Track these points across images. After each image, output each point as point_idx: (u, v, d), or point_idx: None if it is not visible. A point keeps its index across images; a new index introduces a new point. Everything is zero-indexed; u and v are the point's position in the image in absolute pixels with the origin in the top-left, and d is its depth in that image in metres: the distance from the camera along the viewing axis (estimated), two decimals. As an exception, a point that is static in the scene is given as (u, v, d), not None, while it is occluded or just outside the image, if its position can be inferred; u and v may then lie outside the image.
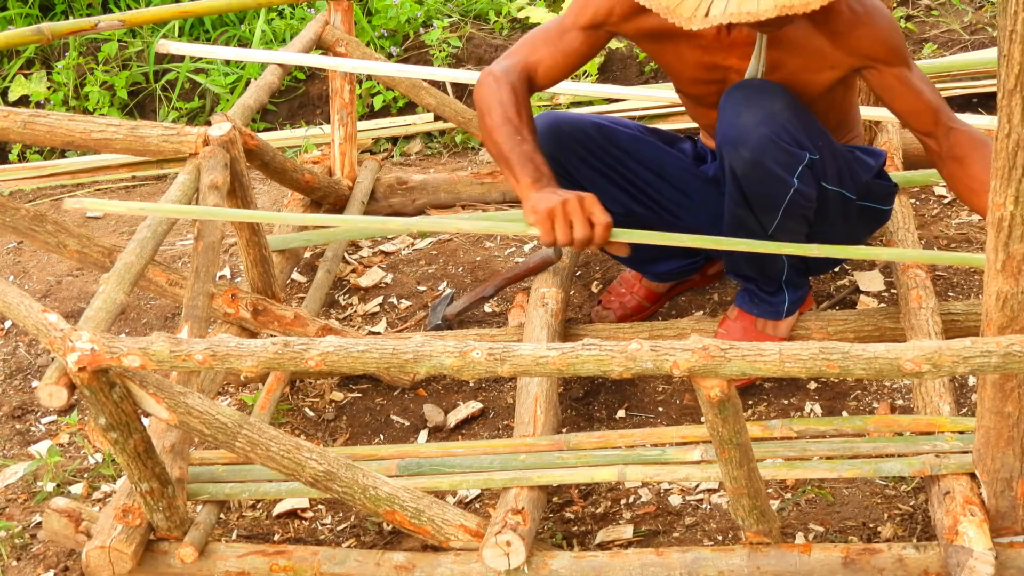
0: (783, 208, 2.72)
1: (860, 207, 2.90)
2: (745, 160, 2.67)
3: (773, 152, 2.65)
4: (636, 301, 3.24)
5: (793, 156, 2.67)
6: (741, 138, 2.66)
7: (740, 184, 2.72)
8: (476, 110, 2.80)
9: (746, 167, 2.68)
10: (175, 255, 3.86)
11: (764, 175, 2.68)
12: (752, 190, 2.72)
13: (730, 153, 2.69)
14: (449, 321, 3.32)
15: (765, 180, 2.69)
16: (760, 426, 2.59)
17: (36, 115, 2.99)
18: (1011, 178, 1.98)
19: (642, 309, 3.25)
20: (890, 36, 2.68)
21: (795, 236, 2.81)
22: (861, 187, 2.87)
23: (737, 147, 2.67)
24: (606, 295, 3.27)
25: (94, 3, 5.05)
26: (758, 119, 2.65)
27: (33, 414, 3.30)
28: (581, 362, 2.10)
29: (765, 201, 2.73)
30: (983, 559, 2.24)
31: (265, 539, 2.77)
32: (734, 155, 2.68)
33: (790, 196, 2.70)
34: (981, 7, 4.50)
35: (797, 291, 2.95)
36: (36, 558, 2.81)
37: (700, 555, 2.42)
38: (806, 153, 2.69)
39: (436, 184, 3.89)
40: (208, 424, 2.35)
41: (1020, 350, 1.98)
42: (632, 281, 3.25)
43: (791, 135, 2.67)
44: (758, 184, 2.70)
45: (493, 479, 2.58)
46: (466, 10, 4.86)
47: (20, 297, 2.29)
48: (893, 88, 2.70)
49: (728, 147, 2.69)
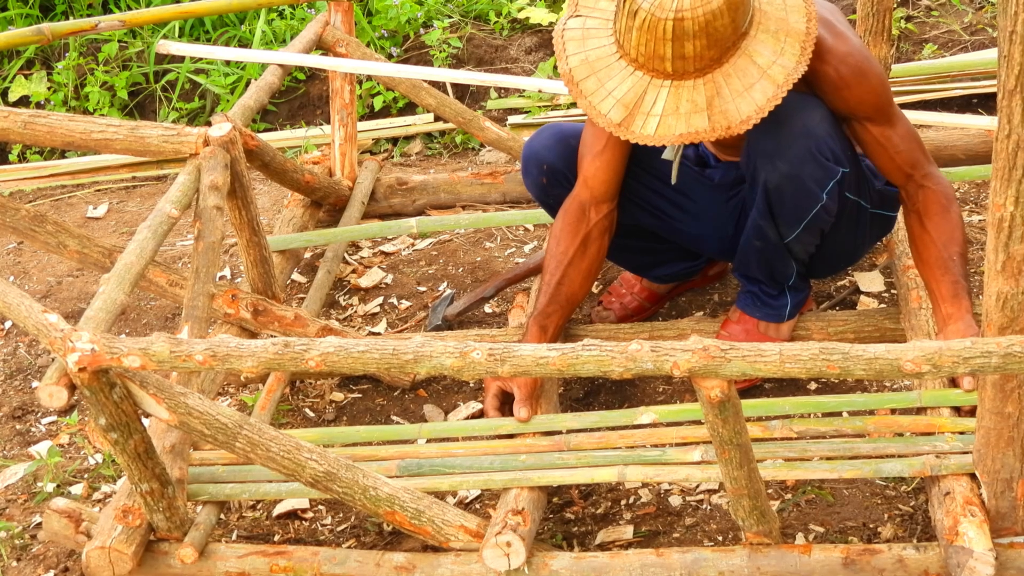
0: (806, 222, 2.74)
1: (872, 215, 2.90)
2: (782, 173, 2.67)
3: (811, 167, 2.66)
4: (637, 302, 3.24)
5: (827, 171, 2.68)
6: (780, 151, 2.65)
7: (769, 196, 2.71)
8: None
9: (782, 180, 2.68)
10: (175, 255, 3.86)
11: (797, 189, 2.68)
12: (781, 203, 2.72)
13: (766, 166, 2.68)
14: (449, 321, 3.32)
15: (797, 194, 2.69)
16: (760, 427, 2.59)
17: (36, 115, 2.99)
18: (1011, 179, 1.98)
19: (642, 309, 3.25)
20: (875, 98, 2.68)
21: (807, 248, 2.83)
22: (875, 195, 2.88)
23: (775, 160, 2.66)
24: (606, 295, 3.27)
25: (94, 3, 5.04)
26: (798, 131, 2.64)
27: (33, 414, 3.30)
28: (581, 362, 2.10)
29: (791, 214, 2.74)
30: (983, 560, 2.24)
31: (265, 540, 2.77)
32: (770, 168, 2.67)
33: (815, 211, 2.72)
34: (981, 8, 4.49)
35: (799, 294, 2.95)
36: (36, 558, 2.81)
37: (700, 556, 2.42)
38: (840, 168, 2.69)
39: (436, 184, 3.89)
40: (208, 424, 2.35)
41: (1020, 351, 1.98)
42: (632, 282, 3.25)
43: (830, 149, 2.67)
44: (790, 198, 2.70)
45: (493, 480, 2.58)
46: (466, 10, 4.86)
47: (20, 297, 2.29)
48: (872, 143, 2.73)
49: (764, 159, 2.68)
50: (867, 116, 2.70)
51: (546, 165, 2.99)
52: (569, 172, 2.95)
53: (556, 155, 2.97)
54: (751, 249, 2.87)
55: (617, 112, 2.54)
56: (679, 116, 2.50)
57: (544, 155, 2.99)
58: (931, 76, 4.06)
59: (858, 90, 2.66)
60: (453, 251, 3.69)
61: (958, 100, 4.05)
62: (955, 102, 4.04)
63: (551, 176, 2.99)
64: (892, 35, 4.03)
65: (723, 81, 2.49)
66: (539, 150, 3.00)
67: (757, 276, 2.93)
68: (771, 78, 2.50)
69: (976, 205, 3.57)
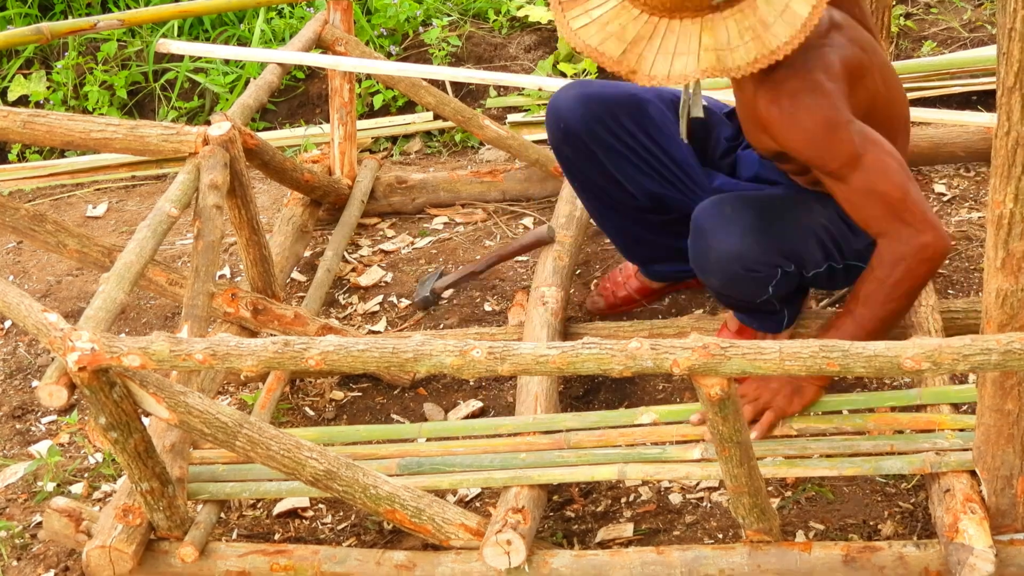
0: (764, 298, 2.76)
1: (848, 266, 2.79)
2: (716, 287, 2.76)
3: (743, 282, 2.70)
4: (627, 293, 3.25)
5: (766, 276, 2.70)
6: (710, 270, 2.70)
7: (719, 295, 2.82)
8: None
9: (719, 291, 2.79)
10: (175, 254, 3.86)
11: (738, 294, 2.76)
12: (730, 298, 2.81)
13: (702, 277, 2.75)
14: (437, 294, 3.35)
15: (741, 295, 2.77)
16: (760, 424, 2.59)
17: (35, 115, 2.99)
18: (1011, 175, 1.98)
19: (631, 302, 3.26)
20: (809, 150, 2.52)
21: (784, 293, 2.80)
22: (851, 255, 2.76)
23: (707, 276, 2.73)
24: (603, 280, 3.31)
25: (93, 3, 5.04)
26: (724, 252, 2.64)
27: (33, 414, 3.30)
28: (581, 361, 2.10)
29: (746, 301, 2.80)
30: (983, 557, 2.24)
31: (265, 538, 2.77)
32: (706, 280, 2.76)
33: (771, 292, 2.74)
34: (980, 5, 4.49)
35: (794, 304, 2.93)
36: (36, 558, 2.81)
37: (700, 553, 2.42)
38: (779, 269, 2.69)
39: (436, 183, 3.89)
40: (208, 423, 2.35)
41: (1020, 348, 1.98)
42: (630, 273, 3.26)
43: (759, 261, 2.66)
44: (737, 298, 2.80)
45: (493, 478, 2.58)
46: (465, 9, 4.86)
47: (20, 297, 2.29)
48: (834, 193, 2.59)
49: (699, 272, 2.75)
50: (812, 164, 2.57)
51: (564, 124, 2.99)
52: (587, 138, 2.95)
53: (576, 118, 2.96)
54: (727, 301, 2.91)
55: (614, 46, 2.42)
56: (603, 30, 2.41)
57: (565, 114, 2.98)
58: (930, 73, 4.06)
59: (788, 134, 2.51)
60: (453, 249, 3.69)
61: (957, 97, 4.05)
62: (954, 99, 4.04)
63: (568, 137, 2.98)
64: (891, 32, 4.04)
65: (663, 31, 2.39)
66: (562, 108, 2.99)
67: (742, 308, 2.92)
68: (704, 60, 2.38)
69: (975, 202, 3.57)
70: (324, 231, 3.80)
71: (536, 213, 3.79)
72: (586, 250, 3.54)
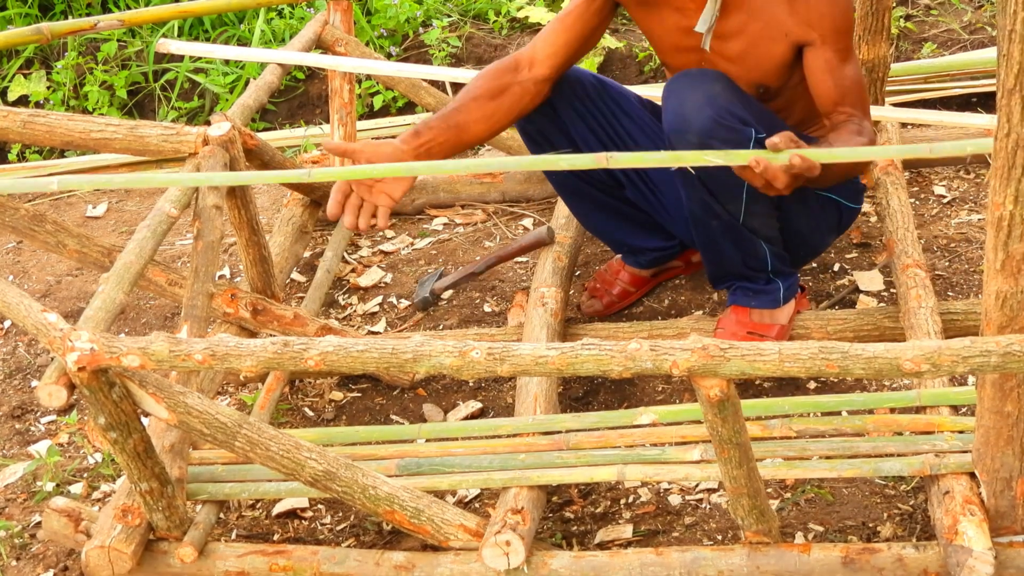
0: (745, 189, 2.73)
1: (818, 196, 2.89)
2: (693, 144, 2.67)
3: (719, 133, 2.66)
4: (621, 287, 3.26)
5: (739, 133, 2.68)
6: (686, 124, 2.67)
7: (696, 171, 2.73)
8: None
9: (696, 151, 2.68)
10: (174, 255, 3.86)
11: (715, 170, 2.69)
12: (708, 174, 2.74)
13: (678, 140, 2.69)
14: (437, 295, 3.35)
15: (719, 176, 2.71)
16: (759, 426, 2.60)
17: (35, 115, 2.99)
18: (1011, 177, 1.98)
19: (627, 295, 3.27)
20: (837, 17, 2.72)
21: (767, 221, 2.84)
22: None
23: (684, 134, 2.68)
24: (591, 283, 3.30)
25: (93, 3, 5.04)
26: (700, 102, 2.67)
27: (33, 414, 3.30)
28: (581, 362, 2.10)
29: (725, 184, 2.74)
30: (982, 559, 2.24)
31: (265, 539, 2.77)
32: (682, 141, 2.69)
33: None
34: (980, 6, 4.50)
35: (788, 279, 2.95)
36: (36, 558, 2.81)
37: (700, 555, 2.42)
38: (751, 130, 2.70)
39: (435, 183, 3.89)
40: (207, 424, 2.35)
41: (1019, 349, 1.99)
42: (616, 267, 3.27)
43: (734, 115, 2.68)
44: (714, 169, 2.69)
45: (492, 479, 2.58)
46: (465, 10, 4.86)
47: (20, 297, 2.29)
48: (819, 68, 2.75)
49: (675, 134, 2.70)
50: (822, 36, 2.72)
51: None
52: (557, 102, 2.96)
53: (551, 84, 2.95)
54: (711, 233, 2.86)
55: None
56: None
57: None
58: (930, 75, 4.06)
59: (827, 4, 2.71)
60: (452, 250, 3.69)
61: (957, 99, 4.05)
62: (954, 101, 4.04)
63: None
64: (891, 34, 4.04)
65: None
66: None
67: (733, 269, 2.92)
68: None
69: (975, 204, 3.57)
70: (324, 231, 3.80)
71: (536, 214, 3.79)
72: (586, 251, 3.54)
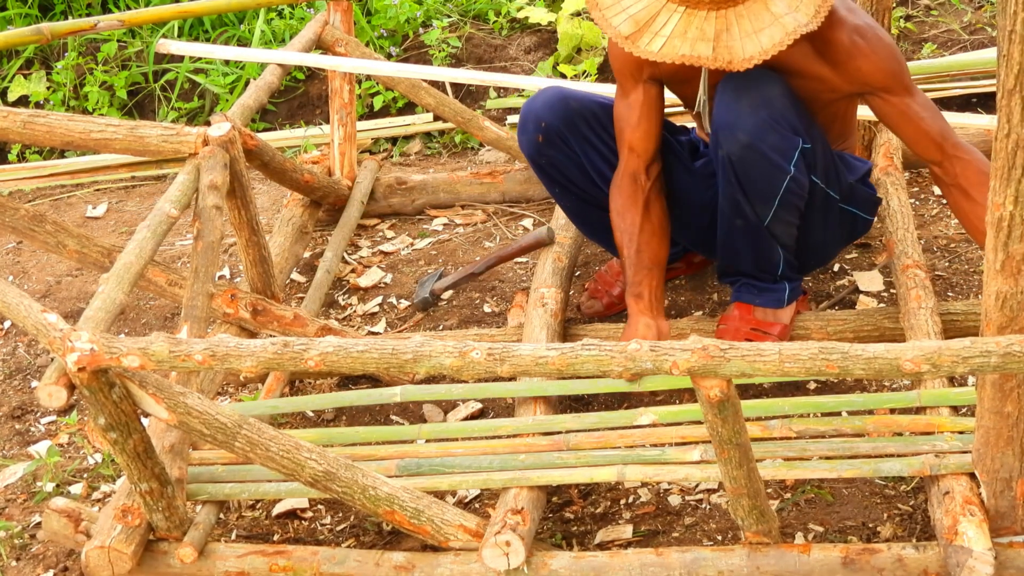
0: (779, 196, 2.75)
1: (842, 210, 2.92)
2: (741, 143, 2.70)
3: (769, 136, 2.69)
4: (621, 288, 3.25)
5: (788, 141, 2.70)
6: (738, 121, 2.69)
7: (735, 170, 2.74)
8: None
9: (743, 150, 2.72)
10: (174, 255, 3.86)
11: (759, 159, 2.71)
12: (748, 176, 2.75)
13: (726, 136, 2.72)
14: (437, 295, 3.35)
15: (760, 164, 2.72)
16: (759, 426, 2.60)
17: (35, 115, 2.99)
18: (1010, 178, 1.98)
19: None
20: (890, 66, 2.73)
21: (788, 229, 2.85)
22: (845, 188, 2.90)
23: (734, 130, 2.70)
24: (592, 284, 3.30)
25: (93, 3, 5.04)
26: (756, 103, 2.69)
27: (33, 414, 3.30)
28: (580, 362, 2.10)
29: (761, 188, 2.75)
30: (982, 559, 2.24)
31: (264, 539, 2.77)
32: (730, 138, 2.71)
33: (786, 184, 2.74)
34: (980, 7, 4.50)
35: (793, 283, 2.97)
36: (35, 558, 2.81)
37: (700, 555, 2.42)
38: (800, 140, 2.72)
39: (436, 184, 3.89)
40: (207, 424, 2.35)
41: (1019, 350, 1.98)
42: (616, 268, 3.27)
43: (787, 120, 2.70)
44: (753, 169, 2.73)
45: (492, 479, 2.58)
46: (465, 10, 4.86)
47: (20, 297, 2.29)
48: (895, 116, 2.76)
49: (724, 130, 2.72)
50: (884, 87, 2.73)
51: (544, 123, 3.03)
52: (568, 132, 3.01)
53: (556, 115, 3.02)
54: (733, 231, 2.88)
55: (627, 26, 2.63)
56: (685, 40, 2.59)
57: (543, 114, 3.03)
58: (930, 75, 4.06)
59: (873, 58, 2.71)
60: (452, 250, 3.69)
61: (957, 99, 4.05)
62: (954, 101, 4.04)
63: (548, 135, 3.03)
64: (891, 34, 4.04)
65: (735, 19, 2.58)
66: (539, 109, 3.04)
67: (744, 268, 2.93)
68: (781, 25, 2.57)
69: (975, 204, 3.57)
70: (324, 232, 3.80)
71: (536, 214, 3.79)
72: (586, 251, 3.54)
